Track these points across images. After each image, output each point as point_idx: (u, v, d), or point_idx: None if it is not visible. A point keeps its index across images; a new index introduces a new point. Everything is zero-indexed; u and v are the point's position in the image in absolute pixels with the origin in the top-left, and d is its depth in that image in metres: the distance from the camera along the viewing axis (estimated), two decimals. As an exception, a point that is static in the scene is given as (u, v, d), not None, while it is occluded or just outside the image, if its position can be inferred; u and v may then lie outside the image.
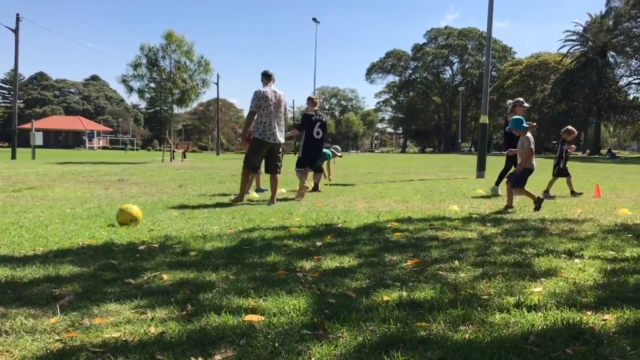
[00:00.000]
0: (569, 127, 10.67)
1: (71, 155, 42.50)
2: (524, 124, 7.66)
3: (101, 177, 14.63)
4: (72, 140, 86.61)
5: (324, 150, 11.24)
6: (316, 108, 10.26)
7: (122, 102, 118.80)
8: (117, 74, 33.27)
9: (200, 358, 2.22)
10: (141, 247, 4.54)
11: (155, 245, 4.63)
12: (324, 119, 10.21)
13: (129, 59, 29.90)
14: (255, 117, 8.60)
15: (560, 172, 10.19)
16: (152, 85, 29.63)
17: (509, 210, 7.42)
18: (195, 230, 5.49)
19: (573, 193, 9.82)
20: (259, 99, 8.55)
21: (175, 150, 36.40)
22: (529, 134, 7.60)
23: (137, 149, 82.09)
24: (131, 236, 5.12)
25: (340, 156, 12.11)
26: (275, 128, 8.63)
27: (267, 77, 8.79)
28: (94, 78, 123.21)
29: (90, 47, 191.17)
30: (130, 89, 29.25)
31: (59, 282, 3.43)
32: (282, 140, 8.83)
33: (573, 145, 10.83)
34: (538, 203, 7.32)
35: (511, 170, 9.41)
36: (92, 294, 3.17)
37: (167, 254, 4.29)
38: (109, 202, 8.25)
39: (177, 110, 32.63)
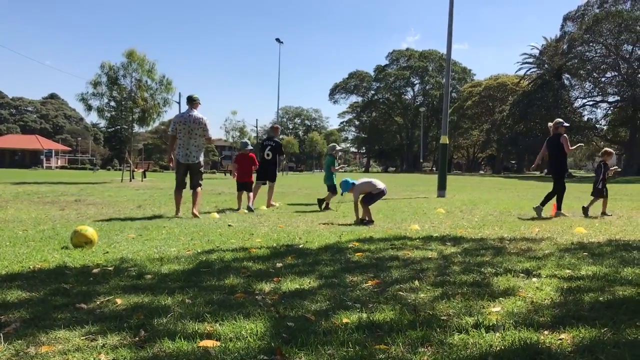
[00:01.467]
0: (608, 149, 10.93)
1: (27, 175, 41.36)
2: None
3: (58, 198, 14.25)
4: (29, 159, 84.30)
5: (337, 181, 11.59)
6: (273, 134, 12.71)
7: (82, 121, 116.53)
8: (76, 92, 32.33)
9: (151, 387, 2.14)
10: (95, 271, 4.40)
11: (109, 269, 4.49)
12: (273, 143, 12.30)
13: (89, 77, 29.40)
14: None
15: (599, 192, 10.39)
16: (112, 104, 29.15)
17: (370, 224, 8.29)
18: (152, 253, 5.36)
19: (604, 214, 10.03)
20: (175, 124, 9.56)
21: (135, 169, 35.80)
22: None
23: (97, 169, 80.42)
24: (85, 259, 4.96)
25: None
26: (188, 149, 9.49)
27: (189, 102, 9.77)
28: (53, 96, 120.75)
29: (48, 65, 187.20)
30: (90, 108, 28.66)
31: (5, 308, 3.28)
32: (197, 160, 9.60)
33: (617, 167, 11.08)
34: (361, 222, 8.48)
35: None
36: (40, 320, 3.04)
37: (121, 278, 4.16)
38: (64, 224, 8.01)
39: (138, 129, 32.11)
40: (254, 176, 11.99)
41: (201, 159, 9.67)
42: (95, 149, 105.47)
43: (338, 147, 12.02)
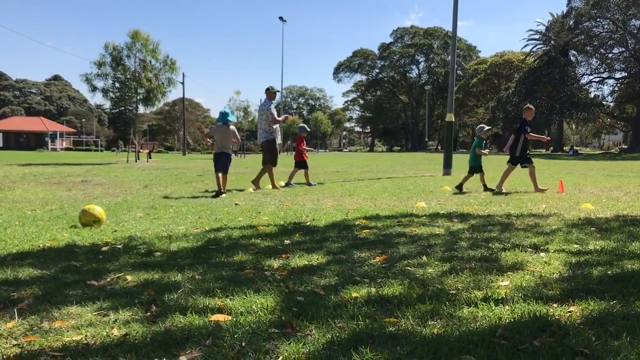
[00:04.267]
0: None
1: (33, 156, 41.48)
2: (228, 117, 10.20)
3: (64, 179, 14.30)
4: (34, 141, 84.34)
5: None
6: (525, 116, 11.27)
7: (86, 102, 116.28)
8: (80, 73, 32.06)
9: (164, 359, 2.16)
10: (104, 249, 4.43)
11: (119, 246, 4.53)
12: (518, 124, 10.72)
13: (93, 58, 29.12)
14: None
15: None
16: (117, 84, 29.10)
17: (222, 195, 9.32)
18: (160, 231, 5.39)
19: None
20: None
21: (141, 150, 35.82)
22: (232, 127, 10.15)
23: (101, 150, 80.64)
24: (94, 237, 5.00)
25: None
26: (258, 132, 11.56)
27: (265, 92, 11.48)
28: (56, 78, 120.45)
29: (50, 46, 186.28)
30: (94, 88, 28.66)
31: (18, 285, 3.32)
32: (261, 141, 11.39)
33: None
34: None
35: None
36: (52, 296, 3.07)
37: (131, 255, 4.19)
38: (72, 204, 8.05)
39: (142, 110, 32.13)
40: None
41: (274, 138, 11.36)
42: (99, 131, 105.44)
43: (486, 128, 11.31)
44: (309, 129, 13.26)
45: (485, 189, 10.46)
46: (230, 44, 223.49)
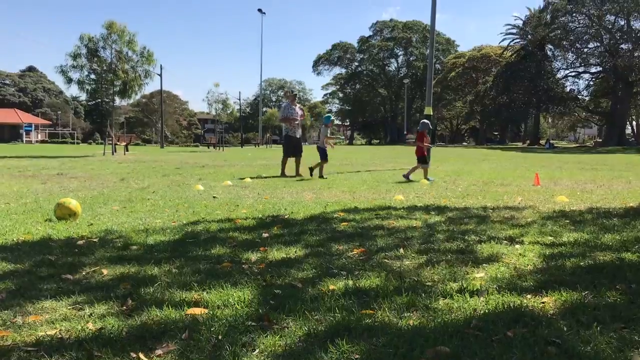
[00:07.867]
0: None
1: (7, 149, 40.74)
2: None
3: (39, 172, 14.08)
4: (8, 134, 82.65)
5: None
6: None
7: (62, 94, 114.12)
8: (55, 65, 31.65)
9: (140, 353, 2.15)
10: (80, 242, 4.38)
11: (95, 240, 4.48)
12: None
13: (68, 49, 28.58)
14: None
15: None
16: (93, 76, 28.68)
17: None
18: (137, 224, 5.34)
19: None
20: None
21: (118, 143, 35.39)
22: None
23: (77, 143, 79.49)
24: (70, 231, 4.94)
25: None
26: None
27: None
28: (31, 69, 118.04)
29: (22, 37, 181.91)
30: (70, 80, 28.19)
31: (-10, 279, 3.27)
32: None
33: None
34: None
35: None
36: (26, 291, 3.03)
37: (107, 249, 4.15)
38: (47, 197, 7.94)
39: (119, 102, 31.74)
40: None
41: (287, 134, 13.34)
42: (76, 123, 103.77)
43: None
44: (431, 127, 12.94)
45: None
46: (209, 36, 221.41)
